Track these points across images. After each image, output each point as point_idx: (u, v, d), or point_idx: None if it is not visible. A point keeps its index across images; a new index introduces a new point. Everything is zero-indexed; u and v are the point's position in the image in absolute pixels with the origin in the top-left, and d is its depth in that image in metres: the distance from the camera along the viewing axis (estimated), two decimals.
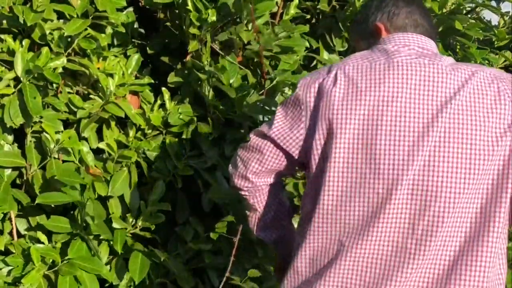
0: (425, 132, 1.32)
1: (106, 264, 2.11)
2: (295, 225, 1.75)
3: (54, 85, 2.13)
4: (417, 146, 1.32)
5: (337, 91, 1.37)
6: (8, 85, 2.04)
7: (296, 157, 1.47)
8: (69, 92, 2.16)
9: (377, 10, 1.54)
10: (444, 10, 2.61)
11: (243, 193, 1.58)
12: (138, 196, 2.16)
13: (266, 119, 2.25)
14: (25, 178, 2.10)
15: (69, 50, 2.12)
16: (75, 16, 2.11)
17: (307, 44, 2.33)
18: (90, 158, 2.10)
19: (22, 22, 2.07)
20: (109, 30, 2.24)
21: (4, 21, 2.12)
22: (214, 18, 2.12)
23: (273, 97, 2.24)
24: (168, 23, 2.43)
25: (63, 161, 2.11)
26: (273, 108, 2.20)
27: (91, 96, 2.18)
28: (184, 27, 2.23)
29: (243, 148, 1.55)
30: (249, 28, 2.18)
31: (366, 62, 1.39)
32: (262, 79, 2.23)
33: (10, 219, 2.09)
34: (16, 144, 2.12)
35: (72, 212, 2.13)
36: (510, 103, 1.35)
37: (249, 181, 1.54)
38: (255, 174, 1.53)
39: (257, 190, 1.58)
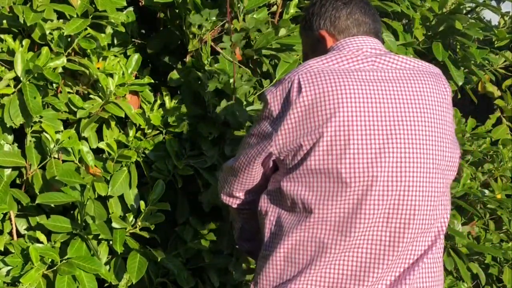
0: (394, 130, 1.37)
1: (106, 264, 2.11)
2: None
3: (54, 85, 2.13)
4: (388, 144, 1.37)
5: (304, 99, 1.38)
6: (8, 85, 2.03)
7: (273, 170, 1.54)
8: (69, 92, 2.16)
9: (318, 16, 1.55)
10: (444, 10, 2.62)
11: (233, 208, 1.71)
12: (138, 196, 2.16)
13: None
14: (25, 178, 2.10)
15: (69, 50, 2.12)
16: (75, 16, 2.11)
17: None
18: (90, 158, 2.09)
19: (22, 22, 2.06)
20: (109, 30, 2.24)
21: (4, 21, 2.12)
22: (214, 18, 2.12)
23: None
24: (168, 23, 2.43)
25: (63, 161, 2.11)
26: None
27: (91, 96, 2.18)
28: (184, 26, 2.23)
29: (227, 171, 1.64)
30: (240, 20, 2.18)
31: (327, 68, 1.41)
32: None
33: (10, 219, 2.09)
34: (16, 144, 2.12)
35: (72, 212, 2.13)
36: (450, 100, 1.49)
37: (235, 197, 1.66)
38: (240, 192, 1.64)
39: (245, 207, 1.68)
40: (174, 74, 2.29)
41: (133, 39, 2.41)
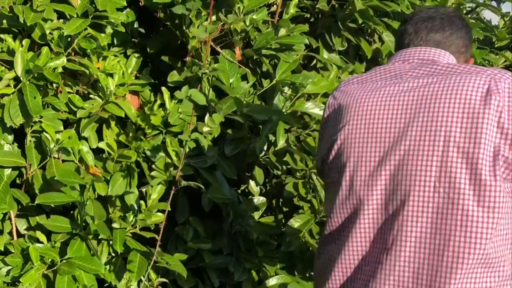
0: (396, 141, 1.34)
1: (106, 264, 2.10)
2: None
3: (54, 85, 2.13)
4: (389, 153, 1.34)
5: (327, 112, 1.50)
6: (8, 85, 2.03)
7: None
8: (69, 92, 2.16)
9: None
10: None
11: None
12: (138, 196, 2.16)
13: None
14: (25, 178, 2.10)
15: (69, 50, 2.12)
16: (75, 16, 2.11)
17: (307, 41, 2.33)
18: (90, 158, 2.09)
19: (22, 22, 2.06)
20: (109, 29, 2.24)
21: (4, 21, 2.12)
22: (214, 18, 2.12)
23: (273, 97, 2.24)
24: (168, 23, 2.43)
25: (63, 161, 2.11)
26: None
27: (91, 96, 2.17)
28: (184, 27, 2.23)
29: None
30: (240, 19, 2.18)
31: (355, 84, 1.47)
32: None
33: (10, 218, 2.09)
34: (16, 144, 2.11)
35: (72, 212, 2.12)
36: (498, 102, 1.28)
37: None
38: None
39: None
40: (174, 74, 2.29)
41: (133, 39, 2.41)
